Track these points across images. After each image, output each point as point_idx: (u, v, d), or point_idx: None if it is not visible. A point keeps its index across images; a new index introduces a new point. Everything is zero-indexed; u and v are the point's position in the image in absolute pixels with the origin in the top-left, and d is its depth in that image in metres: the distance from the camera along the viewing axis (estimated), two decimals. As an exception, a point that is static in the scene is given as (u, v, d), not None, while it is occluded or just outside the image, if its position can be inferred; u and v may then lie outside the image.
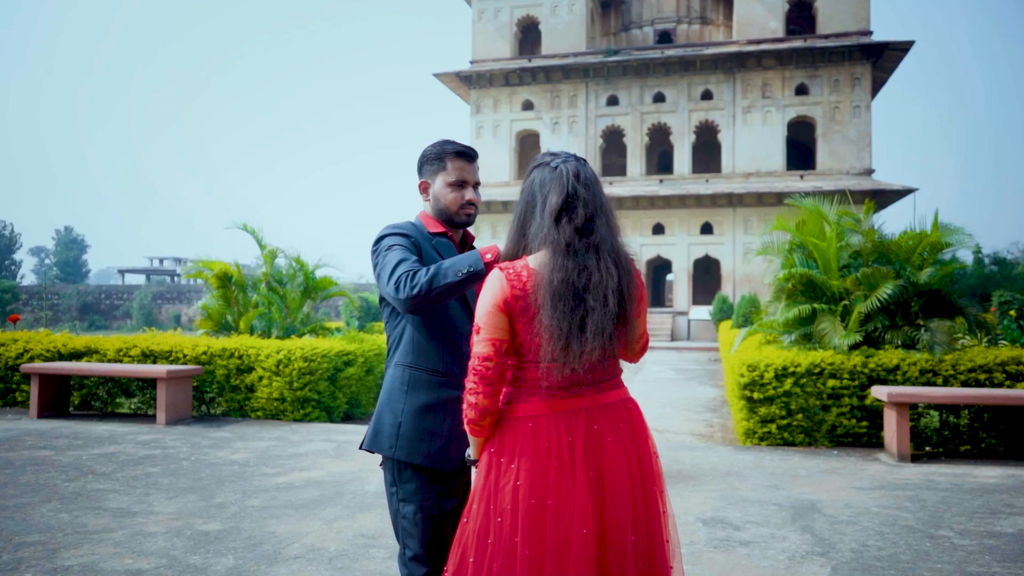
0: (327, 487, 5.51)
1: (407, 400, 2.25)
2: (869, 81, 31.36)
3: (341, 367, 8.86)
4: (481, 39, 35.34)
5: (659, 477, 1.99)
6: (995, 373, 6.92)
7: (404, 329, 2.30)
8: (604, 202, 1.94)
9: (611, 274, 1.86)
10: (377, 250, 2.27)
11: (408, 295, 2.05)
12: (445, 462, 2.23)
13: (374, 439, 2.30)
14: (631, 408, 1.99)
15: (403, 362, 2.29)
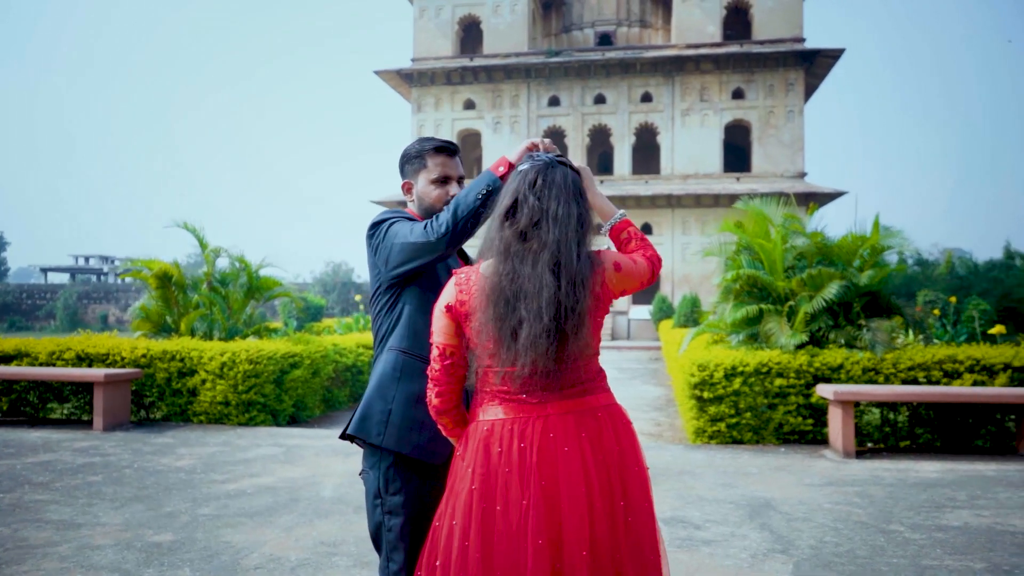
0: (281, 493, 5.37)
1: (399, 388, 2.18)
2: (802, 86, 32.27)
3: (287, 369, 8.67)
4: (422, 37, 35.10)
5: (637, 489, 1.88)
6: (933, 371, 7.18)
7: (402, 313, 2.23)
8: (557, 210, 1.86)
9: (545, 284, 1.80)
10: (377, 232, 2.23)
11: (439, 233, 2.08)
12: (432, 455, 2.16)
13: (361, 425, 2.19)
14: (600, 417, 1.90)
15: (397, 347, 2.21)
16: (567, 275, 1.81)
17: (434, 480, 2.20)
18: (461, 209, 2.07)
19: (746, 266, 8.28)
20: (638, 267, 1.96)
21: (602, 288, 1.89)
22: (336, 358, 9.98)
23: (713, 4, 33.11)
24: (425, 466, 2.19)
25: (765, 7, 32.58)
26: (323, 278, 44.00)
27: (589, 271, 1.85)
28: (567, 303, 1.80)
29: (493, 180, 2.07)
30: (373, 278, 2.29)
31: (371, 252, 2.27)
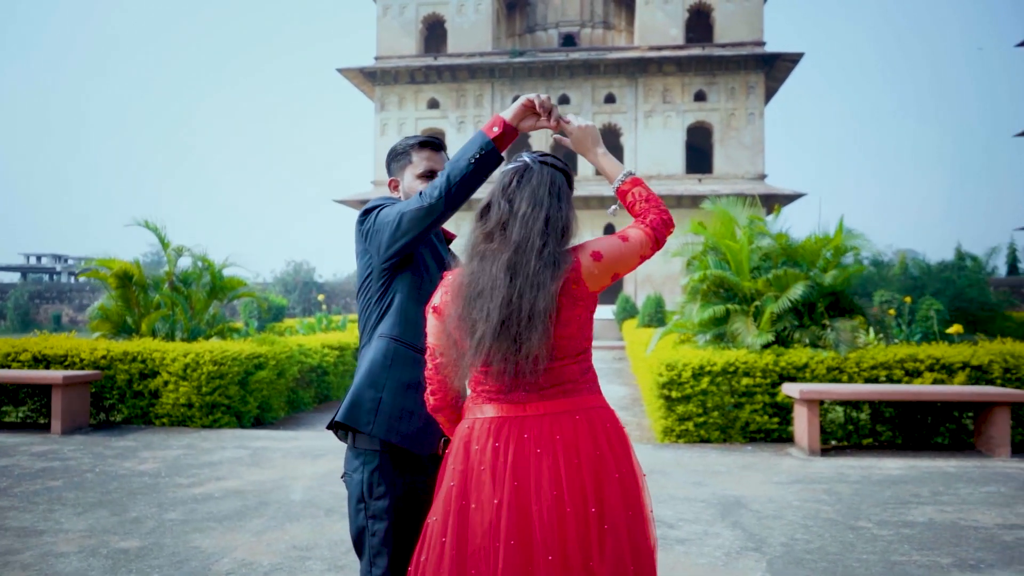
0: (249, 497, 5.28)
1: (390, 375, 2.14)
2: (763, 89, 32.75)
3: (252, 370, 8.53)
4: (386, 35, 34.88)
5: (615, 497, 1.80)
6: (894, 370, 7.33)
7: (393, 301, 2.18)
8: (525, 211, 1.85)
9: (498, 284, 1.80)
10: (368, 219, 2.19)
11: (433, 197, 2.04)
12: (420, 445, 2.13)
13: (350, 412, 2.14)
14: (578, 420, 1.85)
15: (388, 334, 2.17)
16: (523, 275, 1.80)
17: (420, 484, 2.17)
18: (453, 174, 2.02)
19: (713, 266, 8.37)
20: (630, 244, 1.87)
21: (578, 285, 1.85)
22: (301, 359, 9.86)
23: (675, 7, 33.44)
24: (411, 466, 2.16)
25: (726, 11, 32.99)
26: (284, 278, 43.37)
27: (551, 271, 1.82)
28: (518, 304, 1.79)
29: (485, 143, 2.01)
30: (362, 266, 2.25)
31: (360, 239, 2.22)
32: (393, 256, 2.15)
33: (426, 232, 2.09)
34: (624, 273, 1.92)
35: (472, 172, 2.01)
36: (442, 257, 2.28)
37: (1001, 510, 4.92)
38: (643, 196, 1.97)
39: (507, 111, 2.03)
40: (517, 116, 2.02)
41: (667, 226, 1.94)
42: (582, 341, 1.89)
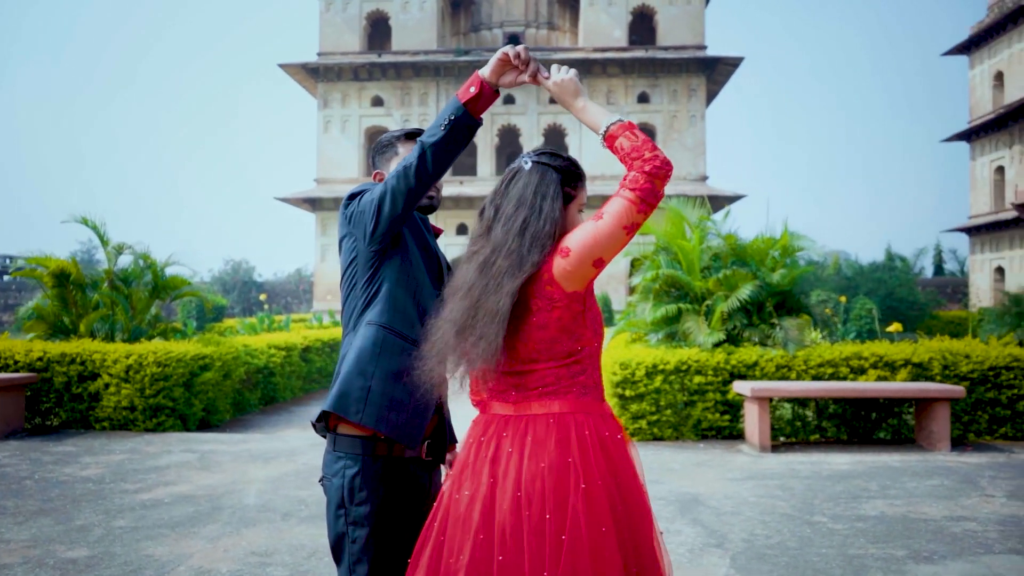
0: (201, 502, 5.12)
1: (379, 364, 2.06)
2: (704, 92, 33.36)
3: (197, 372, 8.29)
4: (329, 31, 34.39)
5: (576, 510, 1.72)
6: (840, 367, 7.52)
7: (382, 287, 2.12)
8: (509, 213, 1.87)
9: (468, 285, 1.84)
10: (353, 202, 2.13)
11: (410, 167, 1.98)
12: (409, 437, 2.06)
13: (340, 401, 2.06)
14: (550, 424, 1.80)
15: (376, 321, 2.10)
16: (488, 275, 1.83)
17: (403, 489, 2.11)
18: (427, 141, 1.97)
19: (664, 266, 8.46)
20: (605, 223, 1.78)
21: (552, 286, 1.82)
22: (248, 360, 9.64)
23: (619, 9, 33.80)
24: (394, 470, 2.10)
25: (669, 14, 33.49)
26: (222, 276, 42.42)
27: (512, 271, 1.81)
28: (483, 304, 1.81)
29: (456, 108, 1.94)
30: (347, 251, 2.18)
31: (345, 223, 2.16)
32: (381, 237, 2.09)
33: (409, 205, 2.03)
34: (611, 255, 1.81)
35: (445, 137, 1.94)
36: (429, 247, 2.23)
37: (947, 503, 5.09)
38: (625, 150, 1.81)
39: (485, 68, 1.95)
40: (495, 72, 1.93)
41: (654, 177, 1.77)
42: (568, 343, 1.84)
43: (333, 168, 33.78)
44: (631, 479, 1.82)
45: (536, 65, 1.93)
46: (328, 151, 34.09)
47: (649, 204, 1.76)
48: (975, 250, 41.92)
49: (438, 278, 2.21)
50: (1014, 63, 37.21)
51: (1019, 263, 37.28)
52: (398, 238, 2.12)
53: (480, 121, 1.99)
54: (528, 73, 1.92)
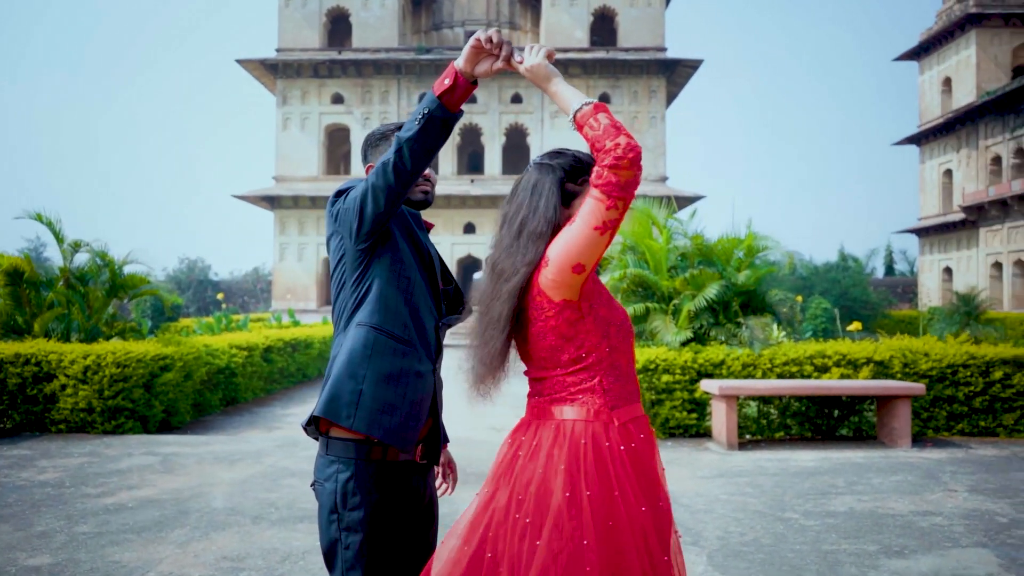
0: (166, 506, 4.99)
1: (370, 366, 2.01)
2: (664, 94, 33.68)
3: (158, 372, 8.09)
4: (288, 27, 33.94)
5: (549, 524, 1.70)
6: (805, 365, 7.64)
7: (372, 285, 2.06)
8: (509, 212, 1.90)
9: (478, 288, 1.88)
10: (339, 199, 2.07)
11: (388, 165, 1.92)
12: (402, 440, 2.00)
13: (330, 405, 2.00)
14: (554, 429, 1.79)
15: (367, 322, 2.04)
16: (493, 281, 1.86)
17: (397, 494, 2.06)
18: (403, 136, 1.91)
19: (632, 265, 8.51)
20: (575, 226, 1.74)
21: (541, 296, 1.81)
22: (209, 360, 9.44)
23: (581, 10, 33.96)
24: (388, 475, 2.04)
25: (630, 16, 33.75)
26: (177, 275, 41.63)
27: (513, 276, 1.81)
28: (483, 304, 1.85)
29: (431, 102, 1.89)
30: (335, 250, 2.13)
31: (331, 221, 2.10)
32: (366, 235, 2.03)
33: (391, 202, 1.97)
34: (590, 258, 1.73)
35: (421, 131, 1.88)
36: (420, 244, 2.16)
37: (912, 498, 5.20)
38: (590, 141, 1.72)
39: (459, 58, 1.90)
40: (469, 61, 1.87)
41: (616, 169, 1.66)
42: (571, 351, 1.80)
43: (292, 166, 33.35)
44: (633, 493, 1.72)
45: (510, 48, 1.87)
46: (287, 149, 33.64)
47: (617, 198, 1.67)
48: (924, 251, 43.05)
49: (430, 275, 2.16)
50: (961, 69, 38.29)
51: (966, 264, 38.39)
52: (387, 236, 2.07)
53: (458, 114, 1.92)
54: (501, 57, 1.86)
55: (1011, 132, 34.90)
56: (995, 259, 36.10)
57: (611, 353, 1.82)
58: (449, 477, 2.31)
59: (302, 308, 30.93)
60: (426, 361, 2.08)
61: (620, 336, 1.85)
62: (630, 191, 1.68)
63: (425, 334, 2.09)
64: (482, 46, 1.85)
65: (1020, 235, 34.29)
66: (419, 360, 2.05)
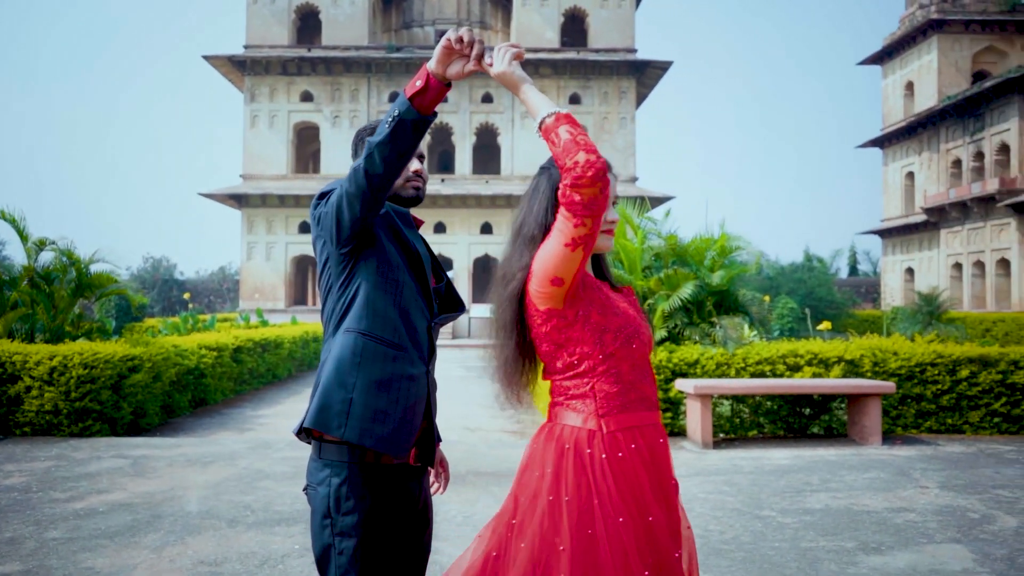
0: (139, 510, 4.89)
1: (360, 374, 1.97)
2: (634, 95, 33.85)
3: (126, 373, 7.94)
4: (256, 23, 33.53)
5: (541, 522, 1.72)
6: (777, 364, 7.73)
7: (359, 290, 2.02)
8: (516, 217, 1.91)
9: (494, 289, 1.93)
10: (321, 203, 2.03)
11: (359, 170, 1.88)
12: (396, 447, 1.96)
13: (320, 416, 1.96)
14: (549, 433, 1.81)
15: (355, 328, 2.00)
16: (503, 284, 1.88)
17: (391, 498, 2.02)
18: (373, 140, 1.87)
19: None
20: (548, 241, 1.73)
21: (531, 305, 1.81)
22: (178, 360, 9.29)
23: (551, 11, 34.01)
24: (382, 479, 2.00)
25: (600, 17, 33.88)
26: (141, 274, 40.94)
27: (512, 281, 1.84)
28: (493, 305, 1.90)
29: (401, 104, 1.84)
30: (319, 254, 2.09)
31: (315, 224, 2.07)
32: (346, 240, 2.00)
33: (367, 207, 1.92)
34: (567, 272, 1.71)
35: (391, 134, 1.83)
36: (408, 244, 2.09)
37: (886, 495, 5.27)
38: (554, 157, 1.69)
39: (431, 59, 1.83)
40: (441, 62, 1.81)
41: (576, 188, 1.62)
42: (564, 357, 1.81)
43: (260, 164, 32.95)
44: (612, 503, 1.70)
45: (481, 47, 1.82)
46: (255, 146, 33.23)
47: (583, 216, 1.64)
48: (887, 252, 43.82)
49: (420, 275, 2.10)
50: (923, 74, 39.04)
51: (927, 264, 39.16)
52: (371, 239, 2.03)
53: (430, 116, 1.87)
54: (472, 57, 1.82)
55: (971, 136, 35.67)
56: (955, 260, 36.86)
57: (607, 360, 1.79)
58: (441, 476, 2.28)
59: (270, 308, 30.58)
60: (419, 364, 2.04)
61: (619, 342, 1.80)
62: (596, 207, 1.64)
63: (417, 336, 2.05)
64: (452, 46, 1.81)
65: (979, 236, 35.06)
66: (411, 363, 2.02)
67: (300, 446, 7.06)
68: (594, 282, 1.84)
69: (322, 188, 2.09)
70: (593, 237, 1.68)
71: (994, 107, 33.99)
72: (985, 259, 34.75)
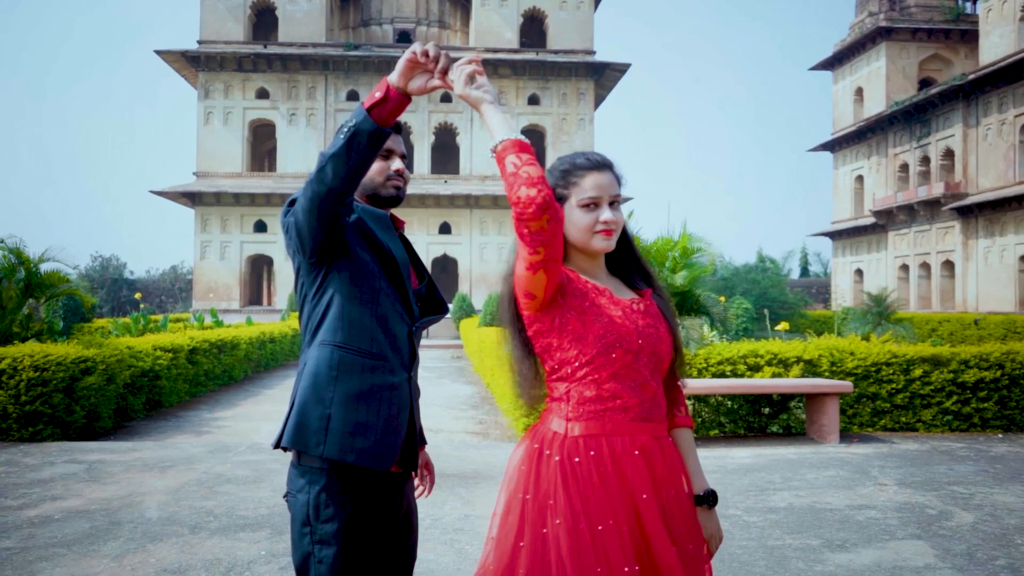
0: (97, 517, 4.76)
1: (337, 388, 1.92)
2: (592, 96, 34.08)
3: (79, 376, 7.71)
4: (211, 18, 32.92)
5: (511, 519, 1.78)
6: (738, 364, 7.83)
7: (332, 301, 1.97)
8: None
9: None
10: (288, 212, 1.97)
11: (312, 180, 1.82)
12: (380, 460, 1.92)
13: (297, 434, 1.91)
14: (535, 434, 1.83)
15: (330, 341, 1.95)
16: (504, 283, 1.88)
17: (373, 505, 1.97)
18: (327, 150, 1.81)
19: (570, 267, 8.56)
20: (518, 266, 1.73)
21: (518, 303, 1.82)
22: (132, 362, 9.06)
23: (511, 11, 34.06)
24: (364, 485, 1.95)
25: (559, 19, 34.03)
26: (90, 273, 39.89)
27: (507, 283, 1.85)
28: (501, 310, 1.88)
29: (357, 114, 1.78)
30: (292, 260, 2.05)
31: (284, 234, 2.02)
32: (312, 252, 1.94)
33: (323, 221, 1.85)
34: (538, 290, 1.72)
35: (345, 146, 1.76)
36: (383, 248, 2.02)
37: (846, 492, 5.38)
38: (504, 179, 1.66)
39: (393, 72, 1.78)
40: (403, 75, 1.77)
41: (521, 223, 1.61)
42: (550, 362, 1.80)
43: (215, 162, 32.37)
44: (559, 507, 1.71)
45: (447, 61, 1.77)
46: (209, 144, 32.64)
47: (533, 245, 1.62)
48: (837, 253, 44.82)
49: (398, 279, 2.03)
50: (872, 80, 40.02)
51: (876, 265, 40.16)
52: (343, 250, 1.96)
53: (388, 129, 1.81)
54: (437, 71, 1.77)
55: (917, 141, 36.68)
56: (902, 261, 37.87)
57: (584, 366, 1.76)
58: (427, 479, 2.25)
59: (225, 308, 30.03)
60: (400, 371, 2.00)
61: (596, 349, 1.75)
62: (545, 236, 1.62)
63: (397, 343, 2.00)
64: (418, 60, 1.76)
65: (925, 239, 36.06)
66: (392, 372, 1.98)
67: (261, 449, 6.94)
68: (582, 288, 1.79)
69: (292, 195, 2.04)
70: (552, 260, 1.67)
71: (939, 113, 35.01)
72: (931, 261, 35.76)
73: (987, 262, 32.14)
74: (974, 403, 8.01)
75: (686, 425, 1.94)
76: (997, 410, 8.04)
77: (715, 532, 1.92)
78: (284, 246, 2.08)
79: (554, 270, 1.69)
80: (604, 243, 1.81)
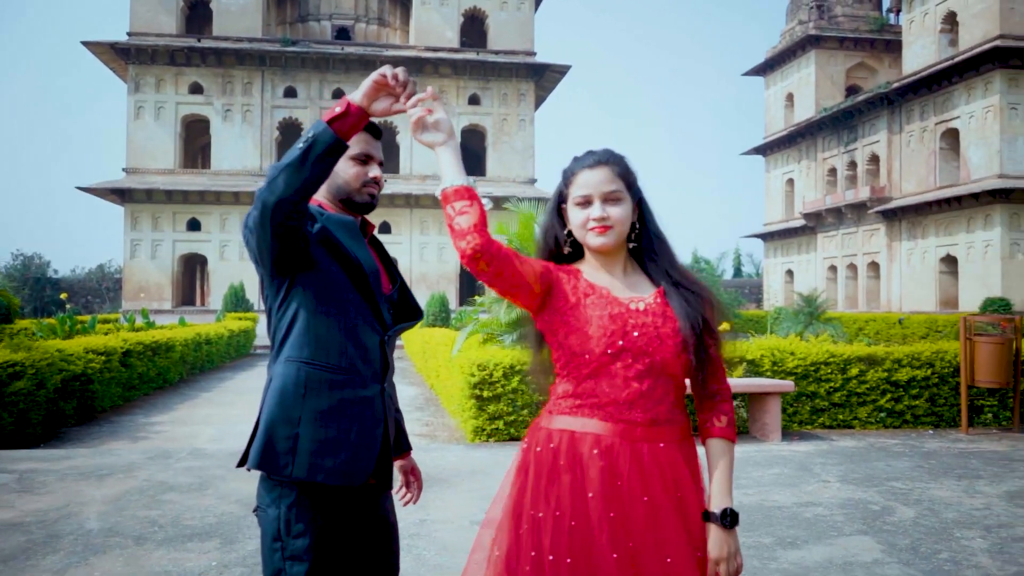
0: (33, 530, 4.55)
1: (305, 406, 1.86)
2: (533, 97, 34.26)
3: (7, 381, 7.38)
4: (142, 9, 31.91)
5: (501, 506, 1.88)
6: (684, 365, 7.96)
7: (297, 315, 1.90)
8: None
9: None
10: (248, 222, 1.88)
11: (262, 191, 1.75)
12: (351, 477, 1.87)
13: (264, 456, 1.85)
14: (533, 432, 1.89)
15: (296, 357, 1.89)
16: None
17: (345, 519, 1.92)
18: (281, 162, 1.76)
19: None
20: None
21: None
22: (63, 366, 8.71)
23: (451, 10, 33.97)
24: (335, 499, 1.90)
25: (500, 19, 34.09)
26: (11, 272, 38.23)
27: None
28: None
29: (316, 126, 1.73)
30: (258, 272, 2.00)
31: (246, 245, 1.95)
32: (272, 264, 1.88)
33: (278, 234, 1.79)
34: (515, 300, 1.82)
35: (301, 155, 1.70)
36: (349, 258, 1.94)
37: (792, 490, 5.52)
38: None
39: (356, 92, 1.75)
40: (368, 96, 1.74)
41: (469, 263, 1.70)
42: (553, 356, 1.86)
43: (146, 158, 31.38)
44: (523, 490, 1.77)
45: (414, 88, 1.75)
46: (139, 139, 31.63)
47: (488, 281, 1.70)
48: (769, 254, 46.04)
49: (367, 289, 1.96)
50: (802, 86, 41.22)
51: (806, 266, 41.39)
52: (308, 261, 1.90)
53: (347, 143, 1.75)
54: (404, 96, 1.74)
55: (845, 146, 37.94)
56: (831, 263, 39.12)
57: (568, 363, 1.80)
58: (413, 485, 2.21)
59: (156, 308, 29.15)
60: (371, 384, 1.94)
61: (577, 347, 1.77)
62: (490, 278, 1.69)
63: (368, 355, 1.94)
64: (386, 82, 1.73)
65: (852, 241, 37.33)
66: (363, 385, 1.92)
67: (203, 455, 6.75)
68: (571, 289, 1.81)
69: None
70: (511, 290, 1.75)
71: (865, 119, 36.29)
72: (857, 262, 37.04)
73: (910, 263, 33.46)
74: (906, 400, 8.32)
75: (722, 436, 1.91)
76: (928, 407, 8.37)
77: (726, 556, 1.75)
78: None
79: (520, 295, 1.78)
80: (598, 240, 1.80)
